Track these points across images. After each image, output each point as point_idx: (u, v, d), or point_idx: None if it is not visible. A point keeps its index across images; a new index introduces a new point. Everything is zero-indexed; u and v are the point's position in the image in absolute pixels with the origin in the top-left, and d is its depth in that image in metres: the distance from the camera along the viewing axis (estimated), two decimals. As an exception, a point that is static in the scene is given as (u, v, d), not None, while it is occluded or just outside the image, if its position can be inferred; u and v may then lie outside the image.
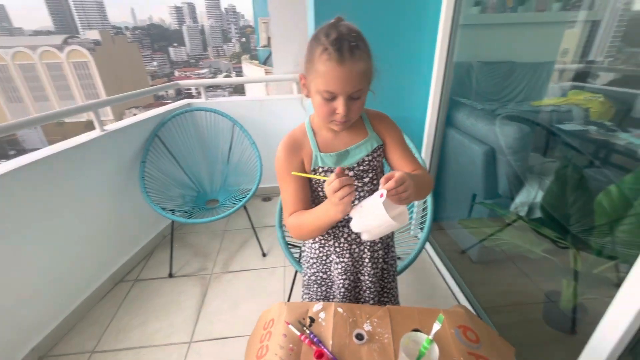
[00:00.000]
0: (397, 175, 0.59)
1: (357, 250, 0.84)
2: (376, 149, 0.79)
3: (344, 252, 0.84)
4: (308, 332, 0.71)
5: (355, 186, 0.61)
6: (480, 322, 0.77)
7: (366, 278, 0.87)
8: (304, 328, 0.73)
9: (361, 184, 0.79)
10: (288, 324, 0.73)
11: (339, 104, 0.66)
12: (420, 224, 1.46)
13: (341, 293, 0.87)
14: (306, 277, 0.94)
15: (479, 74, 1.91)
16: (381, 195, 0.57)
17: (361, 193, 0.79)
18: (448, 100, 1.70)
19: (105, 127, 1.73)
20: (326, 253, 0.87)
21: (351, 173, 0.78)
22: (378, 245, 0.85)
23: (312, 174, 0.76)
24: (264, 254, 1.97)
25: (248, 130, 2.06)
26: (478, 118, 1.67)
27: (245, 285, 1.74)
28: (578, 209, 1.20)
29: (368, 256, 0.84)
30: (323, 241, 0.86)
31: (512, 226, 1.53)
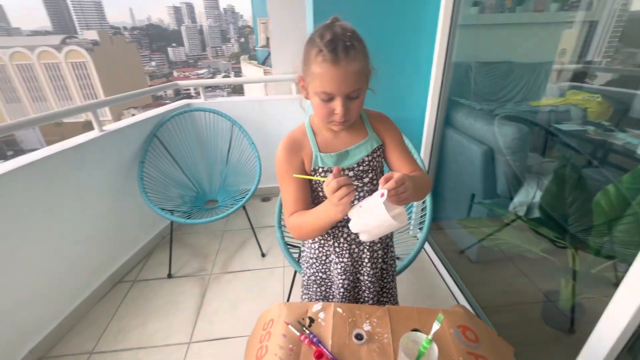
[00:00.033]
0: (397, 175, 0.59)
1: (357, 250, 0.84)
2: (376, 149, 0.79)
3: (344, 252, 0.84)
4: (307, 333, 0.72)
5: (354, 186, 0.61)
6: (479, 322, 0.78)
7: (365, 278, 0.87)
8: (304, 328, 0.73)
9: (361, 184, 0.79)
10: (287, 324, 0.73)
11: (337, 105, 0.66)
12: (419, 224, 1.46)
13: (340, 293, 0.87)
14: (305, 277, 0.94)
15: (478, 74, 1.91)
16: (382, 194, 0.57)
17: (361, 193, 0.79)
18: (447, 100, 1.71)
19: (104, 128, 1.73)
20: (326, 253, 0.87)
21: (351, 173, 0.78)
22: (377, 245, 0.85)
23: (313, 176, 0.76)
24: (263, 255, 1.97)
25: (247, 130, 2.06)
26: (477, 118, 1.67)
27: (244, 285, 1.74)
28: (576, 209, 1.21)
29: (367, 256, 0.85)
30: (322, 241, 0.86)
31: (511, 226, 1.54)
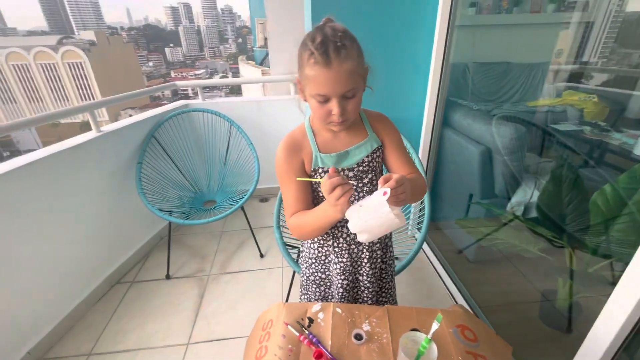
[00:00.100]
0: (396, 176, 0.59)
1: (356, 250, 0.84)
2: (376, 150, 0.79)
3: (343, 252, 0.84)
4: (307, 333, 0.72)
5: (350, 185, 0.61)
6: (478, 322, 0.78)
7: (364, 278, 0.87)
8: (303, 329, 0.73)
9: (361, 185, 0.79)
10: (287, 325, 0.73)
11: (334, 105, 0.66)
12: (417, 224, 1.47)
13: (339, 293, 0.87)
14: (304, 277, 0.94)
15: (475, 75, 1.92)
16: (384, 193, 0.57)
17: (360, 194, 0.79)
18: (445, 100, 1.71)
19: (101, 128, 1.72)
20: (325, 253, 0.87)
21: (351, 174, 0.78)
22: (377, 245, 0.86)
23: (314, 176, 0.77)
24: (262, 255, 1.97)
25: (245, 131, 2.06)
26: (474, 118, 1.68)
27: (243, 286, 1.74)
28: (573, 209, 1.22)
29: (367, 256, 0.85)
30: (322, 241, 0.86)
31: (509, 226, 1.55)
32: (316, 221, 0.71)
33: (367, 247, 0.84)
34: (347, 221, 0.63)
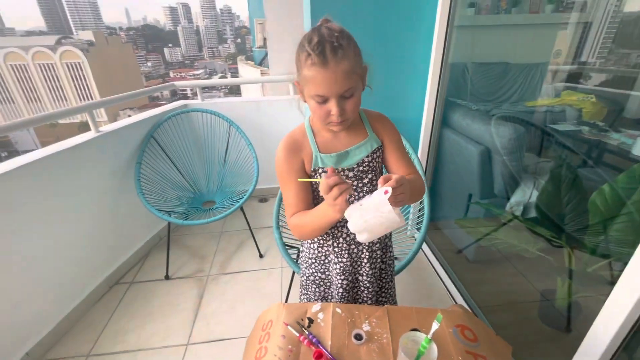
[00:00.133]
0: (396, 176, 0.59)
1: (356, 250, 0.84)
2: (376, 150, 0.79)
3: (343, 252, 0.84)
4: (307, 333, 0.72)
5: (347, 184, 0.61)
6: (478, 321, 0.78)
7: (364, 278, 0.87)
8: (303, 329, 0.73)
9: (361, 185, 0.79)
10: (287, 325, 0.73)
11: (332, 106, 0.66)
12: (417, 224, 1.47)
13: (339, 293, 0.87)
14: (304, 278, 0.94)
15: (474, 75, 1.93)
16: (385, 192, 0.57)
17: (360, 194, 0.80)
18: (444, 100, 1.72)
19: (100, 129, 1.72)
20: (325, 253, 0.87)
21: (351, 174, 0.78)
22: (376, 245, 0.86)
23: (314, 177, 0.77)
24: (261, 255, 1.96)
25: (244, 131, 2.06)
26: (473, 118, 1.68)
27: (242, 286, 1.74)
28: (572, 208, 1.22)
29: (366, 256, 0.85)
30: (322, 241, 0.86)
31: (508, 225, 1.55)
32: (316, 221, 0.71)
33: (367, 247, 0.84)
34: (347, 221, 0.63)
